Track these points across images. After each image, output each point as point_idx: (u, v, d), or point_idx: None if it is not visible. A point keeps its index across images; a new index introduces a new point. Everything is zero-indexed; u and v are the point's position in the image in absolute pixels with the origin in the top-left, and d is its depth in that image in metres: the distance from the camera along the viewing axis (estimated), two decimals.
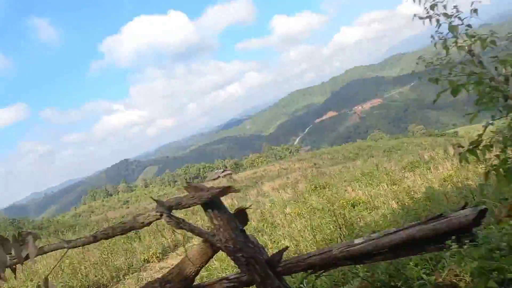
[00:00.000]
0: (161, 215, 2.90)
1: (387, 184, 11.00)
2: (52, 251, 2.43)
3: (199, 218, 14.36)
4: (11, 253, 2.28)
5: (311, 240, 6.86)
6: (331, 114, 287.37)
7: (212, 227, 3.14)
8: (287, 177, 29.63)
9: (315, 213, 8.87)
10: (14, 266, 2.31)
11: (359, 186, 12.40)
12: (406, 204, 7.51)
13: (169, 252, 10.82)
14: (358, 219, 7.77)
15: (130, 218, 2.93)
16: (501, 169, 2.74)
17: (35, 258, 2.19)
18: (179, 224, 2.94)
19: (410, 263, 3.80)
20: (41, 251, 2.42)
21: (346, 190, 11.75)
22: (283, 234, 8.12)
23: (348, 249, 3.02)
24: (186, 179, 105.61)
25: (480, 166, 7.70)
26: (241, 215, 3.33)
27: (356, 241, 3.05)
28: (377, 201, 9.12)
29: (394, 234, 2.91)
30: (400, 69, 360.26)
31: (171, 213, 2.96)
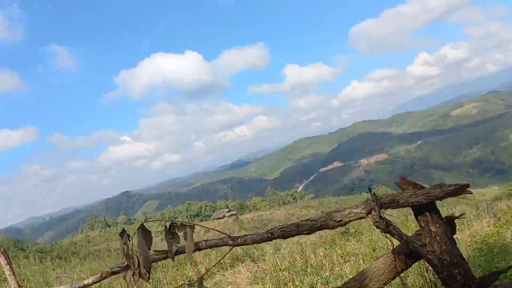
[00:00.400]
0: (368, 213, 2.47)
1: None
2: (212, 247, 2.39)
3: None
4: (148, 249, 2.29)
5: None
6: (336, 164, 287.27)
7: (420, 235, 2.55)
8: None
9: (359, 257, 8.78)
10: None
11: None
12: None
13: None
14: None
15: (320, 215, 2.50)
16: None
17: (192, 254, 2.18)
18: (389, 226, 2.42)
19: None
20: (199, 247, 2.35)
21: (379, 237, 11.61)
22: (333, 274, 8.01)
23: None
24: (187, 216, 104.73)
25: None
26: (450, 225, 2.67)
27: None
28: None
29: None
30: (407, 127, 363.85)
31: (382, 212, 2.46)
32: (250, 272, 12.34)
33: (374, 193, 2.48)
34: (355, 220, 2.49)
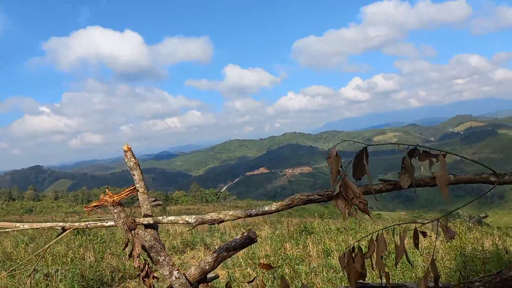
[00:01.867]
0: None
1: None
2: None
3: None
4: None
5: None
6: (262, 170, 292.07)
7: None
8: (244, 219, 29.35)
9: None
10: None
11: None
12: None
13: None
14: None
15: None
16: None
17: None
18: None
19: None
20: (457, 181, 2.17)
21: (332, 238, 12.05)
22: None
23: None
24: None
25: None
26: None
27: None
28: None
29: None
30: (333, 145, 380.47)
31: None
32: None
33: None
34: None
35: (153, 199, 73.30)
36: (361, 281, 2.45)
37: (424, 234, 2.12)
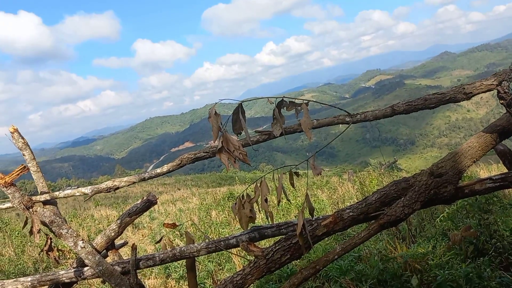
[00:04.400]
0: (498, 84, 2.46)
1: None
2: (327, 125, 2.44)
3: None
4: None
5: None
6: (187, 144, 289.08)
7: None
8: (171, 195, 29.11)
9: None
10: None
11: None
12: None
13: None
14: None
15: (450, 88, 2.48)
16: None
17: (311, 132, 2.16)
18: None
19: None
20: (313, 123, 2.39)
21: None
22: None
23: None
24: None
25: None
26: None
27: None
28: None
29: None
30: (254, 111, 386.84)
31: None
32: (142, 235, 12.14)
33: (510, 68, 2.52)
34: (484, 92, 2.51)
35: (77, 187, 69.72)
36: (254, 224, 2.75)
37: (297, 174, 2.43)
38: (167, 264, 6.67)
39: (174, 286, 6.19)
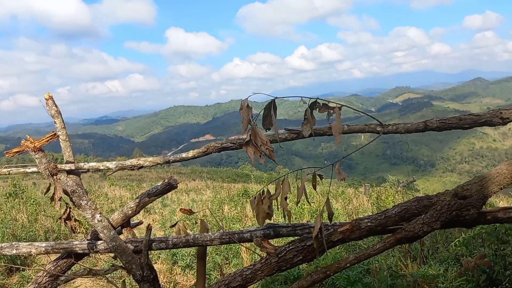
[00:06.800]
0: None
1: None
2: (357, 132, 2.40)
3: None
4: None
5: None
6: (208, 137, 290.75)
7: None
8: (186, 184, 29.38)
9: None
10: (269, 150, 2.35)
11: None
12: None
13: None
14: None
15: (486, 111, 2.43)
16: None
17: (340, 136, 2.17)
18: None
19: None
20: (343, 128, 2.39)
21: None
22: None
23: None
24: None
25: None
26: None
27: None
28: None
29: None
30: (279, 113, 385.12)
31: None
32: (153, 220, 12.28)
33: None
34: None
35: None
36: (271, 222, 2.75)
37: (321, 176, 2.42)
38: (174, 251, 6.73)
39: (180, 273, 6.24)
